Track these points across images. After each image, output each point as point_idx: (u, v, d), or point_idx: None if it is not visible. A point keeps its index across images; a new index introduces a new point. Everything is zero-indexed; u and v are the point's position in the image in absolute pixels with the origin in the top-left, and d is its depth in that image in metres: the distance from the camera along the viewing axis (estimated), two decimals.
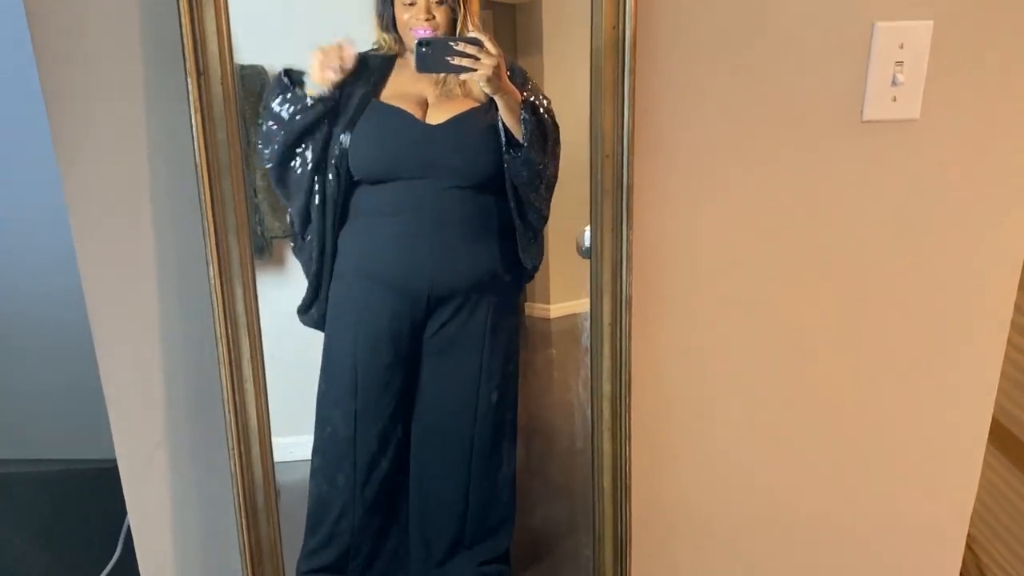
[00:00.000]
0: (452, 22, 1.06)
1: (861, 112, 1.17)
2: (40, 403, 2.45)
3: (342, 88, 1.09)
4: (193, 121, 1.02)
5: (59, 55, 1.05)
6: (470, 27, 1.06)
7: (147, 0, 1.03)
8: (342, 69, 1.07)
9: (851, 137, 1.18)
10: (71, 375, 2.21)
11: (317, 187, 1.12)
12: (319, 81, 1.07)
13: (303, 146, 1.10)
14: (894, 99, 1.17)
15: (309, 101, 1.08)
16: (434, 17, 1.06)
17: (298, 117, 1.09)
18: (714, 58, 1.13)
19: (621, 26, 1.05)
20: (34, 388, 2.43)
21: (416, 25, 1.06)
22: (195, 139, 1.02)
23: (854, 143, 1.18)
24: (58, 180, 1.10)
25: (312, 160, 1.11)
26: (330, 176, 1.11)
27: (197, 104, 1.01)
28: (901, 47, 1.14)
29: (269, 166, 1.11)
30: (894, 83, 1.16)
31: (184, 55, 1.00)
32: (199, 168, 1.03)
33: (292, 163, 1.11)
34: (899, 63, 1.15)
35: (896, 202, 1.22)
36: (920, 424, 1.35)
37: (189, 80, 1.00)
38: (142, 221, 1.12)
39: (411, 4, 1.06)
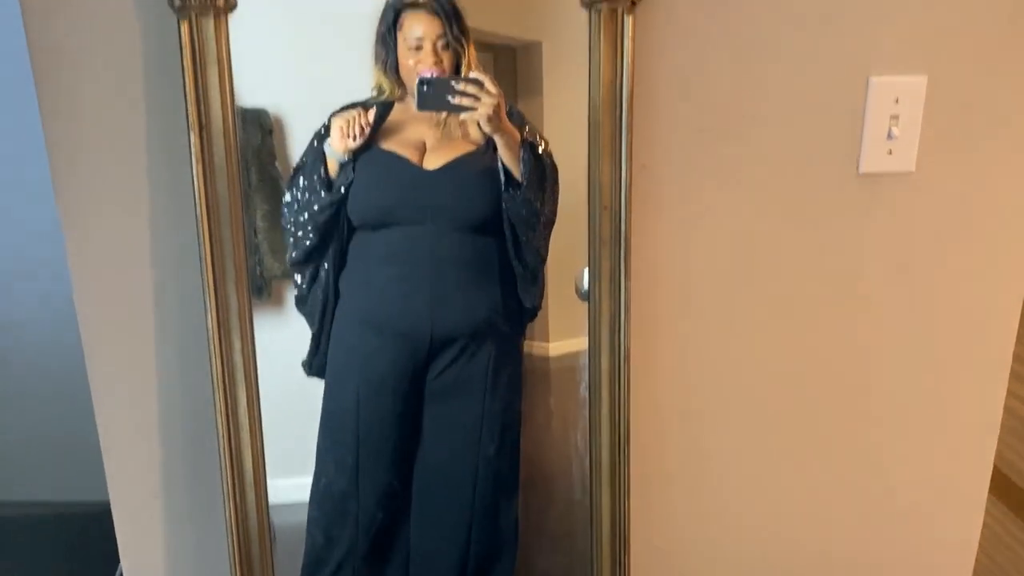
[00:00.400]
0: (456, 66, 1.08)
1: (857, 165, 1.18)
2: (33, 446, 2.44)
3: None
4: (194, 173, 1.03)
5: (63, 106, 1.06)
6: (472, 68, 1.07)
7: (151, 53, 1.05)
8: (362, 134, 1.08)
9: (848, 189, 1.19)
10: (64, 418, 2.21)
11: (308, 239, 1.12)
12: (340, 150, 1.09)
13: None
14: (890, 152, 1.18)
15: (335, 196, 1.10)
16: (441, 61, 1.07)
17: (324, 215, 1.11)
18: (711, 112, 1.14)
19: (619, 82, 1.06)
20: (27, 431, 2.43)
21: (423, 68, 1.07)
22: (196, 191, 1.03)
23: (851, 195, 1.19)
24: (59, 227, 1.11)
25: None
26: (311, 229, 1.12)
27: (199, 156, 1.02)
28: (896, 101, 1.16)
29: (293, 258, 1.13)
30: (889, 136, 1.17)
31: (187, 109, 1.01)
32: (199, 220, 1.04)
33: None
34: (894, 117, 1.16)
35: (893, 253, 1.23)
36: (921, 473, 1.35)
37: (191, 133, 1.01)
38: (141, 269, 1.12)
39: (417, 48, 1.07)
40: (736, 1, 1.10)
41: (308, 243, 1.12)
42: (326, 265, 1.13)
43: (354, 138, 1.08)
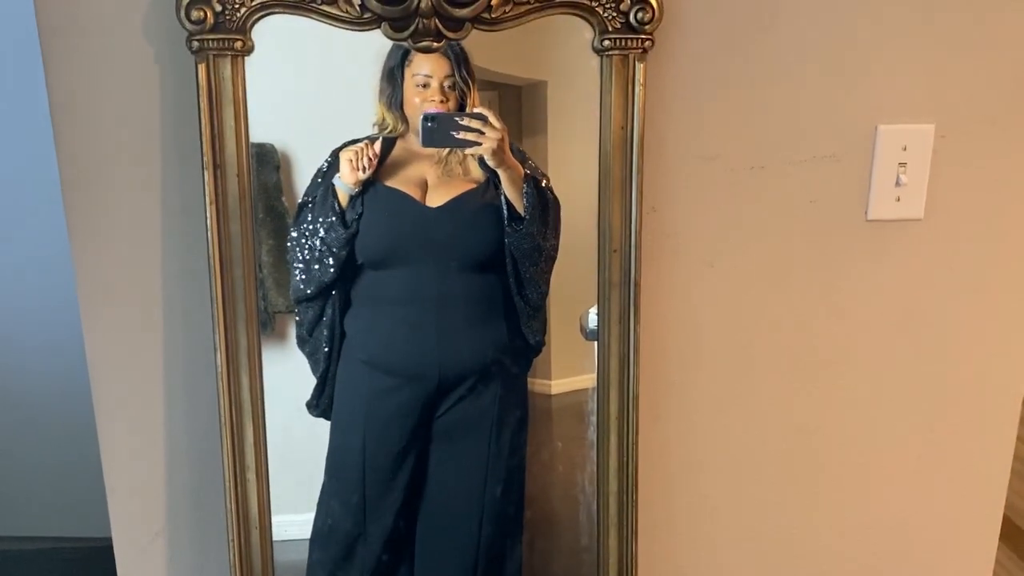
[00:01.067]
0: (461, 105, 1.09)
1: (866, 211, 1.18)
2: (37, 481, 2.43)
3: None
4: (208, 213, 1.03)
5: (79, 144, 1.07)
6: (476, 107, 1.08)
7: (168, 92, 1.06)
8: (371, 165, 1.09)
9: (856, 235, 1.20)
10: (69, 454, 2.20)
11: (325, 274, 1.13)
12: (351, 183, 1.09)
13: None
14: (898, 199, 1.18)
15: (352, 229, 1.11)
16: (447, 100, 1.08)
17: (344, 251, 1.11)
18: (721, 157, 1.15)
19: (629, 127, 1.07)
20: (32, 466, 2.42)
21: (429, 106, 1.08)
22: (209, 231, 1.03)
23: (859, 241, 1.20)
24: (68, 265, 1.11)
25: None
26: (331, 261, 1.12)
27: (213, 196, 1.03)
28: (904, 149, 1.16)
29: (306, 293, 1.13)
30: (898, 183, 1.18)
31: (202, 149, 1.02)
32: (211, 259, 1.04)
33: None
34: (902, 164, 1.17)
35: (901, 299, 1.23)
36: (930, 522, 1.33)
37: (206, 173, 1.02)
38: (151, 308, 1.13)
39: (424, 87, 1.08)
40: (746, 49, 1.11)
41: (326, 278, 1.12)
42: (331, 305, 1.14)
43: (363, 170, 1.09)
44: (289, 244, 1.12)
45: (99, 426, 1.17)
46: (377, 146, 1.10)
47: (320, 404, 1.16)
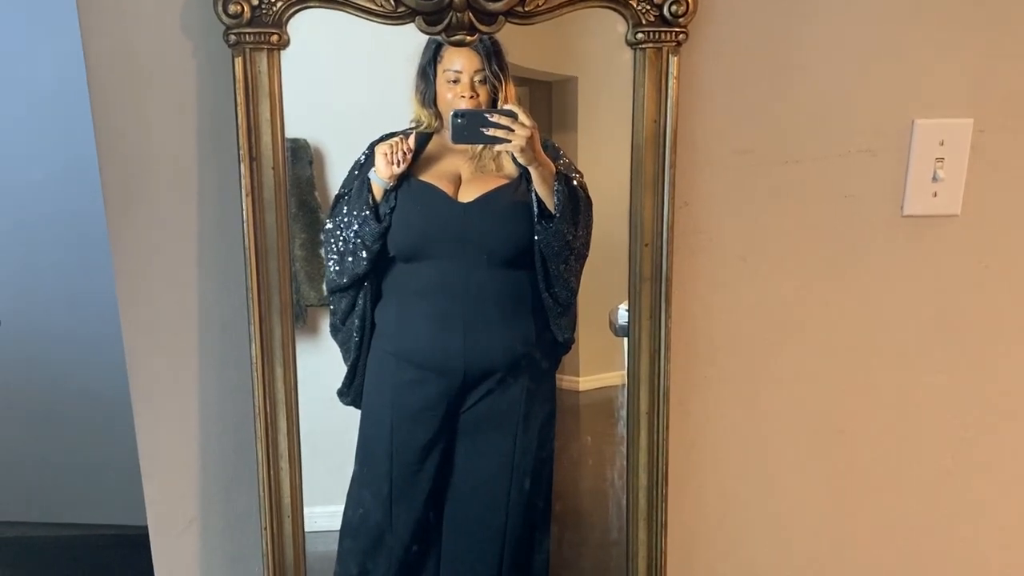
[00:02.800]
0: (493, 100, 1.09)
1: (902, 207, 1.17)
2: (75, 470, 2.48)
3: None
4: (244, 204, 1.04)
5: (118, 137, 1.09)
6: (508, 103, 1.08)
7: (205, 86, 1.07)
8: (405, 159, 1.10)
9: (891, 231, 1.18)
10: (106, 443, 2.24)
11: (358, 266, 1.14)
12: (386, 177, 1.10)
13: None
14: (935, 195, 1.17)
15: (385, 223, 1.11)
16: (477, 95, 1.09)
17: (377, 244, 1.12)
18: (754, 152, 1.14)
19: (662, 121, 1.07)
20: (70, 456, 2.46)
21: (460, 102, 1.09)
22: (244, 222, 1.05)
23: (894, 237, 1.19)
24: (107, 257, 1.13)
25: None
26: (364, 254, 1.13)
27: (249, 188, 1.04)
28: (941, 144, 1.15)
29: (339, 283, 1.14)
30: (935, 179, 1.16)
31: (238, 141, 1.03)
32: (247, 250, 1.05)
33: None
34: (939, 160, 1.15)
35: (937, 296, 1.22)
36: (962, 523, 1.32)
37: (242, 165, 1.04)
38: (187, 299, 1.14)
39: (455, 82, 1.09)
40: (780, 41, 1.11)
41: (359, 270, 1.13)
42: (363, 296, 1.15)
43: (398, 164, 1.10)
44: (324, 235, 1.13)
45: (135, 415, 1.19)
46: (412, 140, 1.10)
47: (350, 392, 1.18)
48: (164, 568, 1.26)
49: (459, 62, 1.08)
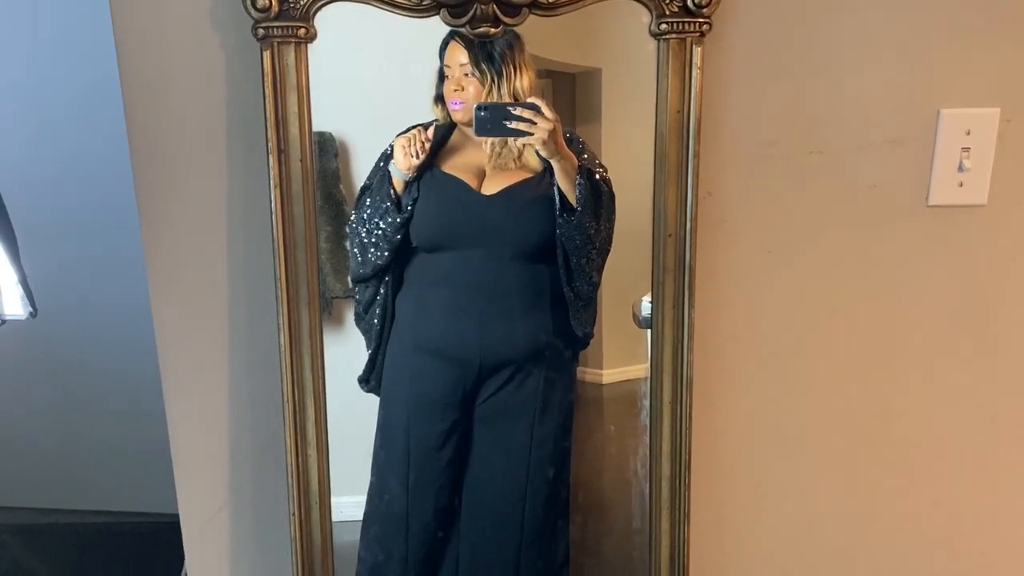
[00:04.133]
0: (488, 95, 1.09)
1: (927, 197, 1.17)
2: (106, 458, 2.52)
3: None
4: (272, 196, 1.06)
5: (149, 128, 1.11)
6: (513, 96, 1.09)
7: (233, 79, 1.09)
8: (423, 150, 1.11)
9: (917, 221, 1.18)
10: (137, 431, 2.28)
11: (379, 257, 1.15)
12: (404, 168, 1.12)
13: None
14: (960, 184, 1.16)
15: (405, 215, 1.13)
16: (463, 88, 1.10)
17: (398, 236, 1.13)
18: (779, 142, 1.14)
19: (686, 111, 1.07)
20: (101, 444, 2.50)
21: (450, 96, 1.10)
22: (273, 214, 1.06)
23: (919, 228, 1.18)
24: (137, 248, 1.15)
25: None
26: (385, 246, 1.14)
27: (277, 180, 1.06)
28: (968, 133, 1.14)
29: (361, 273, 1.16)
30: (960, 169, 1.15)
31: (266, 134, 1.05)
32: (275, 242, 1.07)
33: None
34: (966, 149, 1.15)
35: (962, 287, 1.21)
36: (985, 515, 1.31)
37: (270, 158, 1.05)
38: (217, 290, 1.16)
39: (448, 77, 1.11)
40: (805, 31, 1.10)
41: (380, 261, 1.15)
42: (385, 285, 1.16)
43: (416, 155, 1.11)
44: (348, 228, 1.15)
45: (167, 404, 1.21)
46: (430, 132, 1.11)
47: (371, 380, 1.19)
48: (195, 554, 1.29)
49: (449, 57, 1.10)
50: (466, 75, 1.09)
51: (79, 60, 2.16)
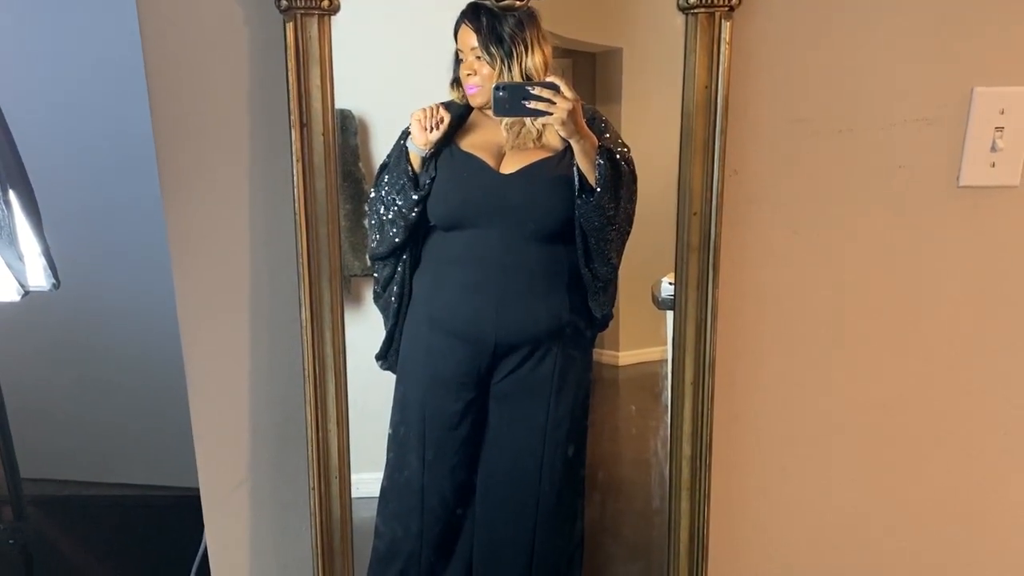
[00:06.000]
0: (493, 76, 1.09)
1: (958, 177, 1.14)
2: (128, 432, 2.54)
3: None
4: (294, 171, 1.06)
5: (172, 101, 1.11)
6: (524, 75, 1.08)
7: (256, 53, 1.09)
8: (440, 125, 1.10)
9: (947, 202, 1.16)
10: (159, 406, 2.30)
11: (396, 235, 1.15)
12: (421, 144, 1.11)
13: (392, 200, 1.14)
14: (993, 165, 1.14)
15: (422, 192, 1.12)
16: (475, 72, 1.10)
17: (414, 213, 1.13)
18: (807, 119, 1.12)
19: (713, 87, 1.05)
20: (123, 418, 2.53)
21: (466, 81, 1.10)
22: (295, 188, 1.06)
23: (950, 208, 1.16)
24: (161, 224, 1.15)
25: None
26: (401, 223, 1.14)
27: (299, 154, 1.05)
28: (1002, 113, 1.12)
29: (378, 252, 1.16)
30: (993, 149, 1.13)
31: (289, 107, 1.04)
32: (297, 216, 1.07)
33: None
34: (999, 129, 1.12)
35: (993, 269, 1.19)
36: (1012, 500, 1.30)
37: (293, 131, 1.05)
38: (238, 265, 1.16)
39: (462, 60, 1.11)
40: (836, 7, 1.08)
41: (397, 239, 1.14)
42: (403, 263, 1.16)
43: (431, 129, 1.11)
44: (368, 204, 1.14)
45: (188, 379, 1.22)
46: (445, 110, 1.11)
47: (388, 357, 1.19)
48: (215, 527, 1.30)
49: (461, 40, 1.10)
50: (477, 58, 1.09)
51: (103, 33, 2.16)
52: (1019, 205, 1.16)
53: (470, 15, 1.08)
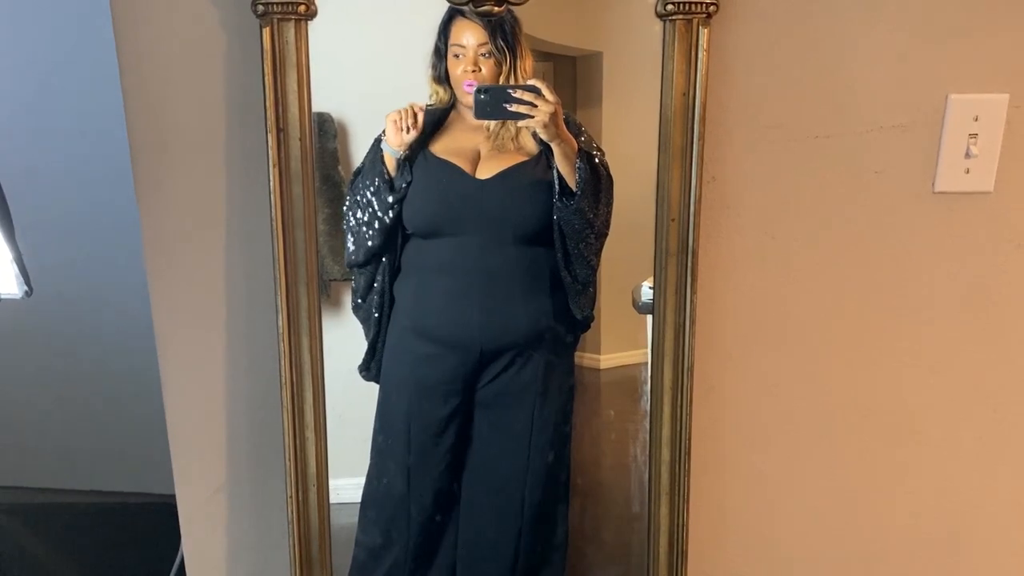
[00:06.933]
0: (499, 76, 1.08)
1: (933, 183, 1.15)
2: (103, 438, 2.52)
3: None
4: (271, 176, 1.05)
5: (147, 107, 1.09)
6: (520, 78, 1.08)
7: (233, 57, 1.08)
8: (415, 126, 1.10)
9: (922, 207, 1.17)
10: (134, 412, 2.28)
11: (372, 240, 1.14)
12: (396, 145, 1.10)
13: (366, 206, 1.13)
14: (967, 171, 1.15)
15: (398, 195, 1.11)
16: (480, 69, 1.08)
17: (389, 216, 1.12)
18: (784, 126, 1.13)
19: (691, 94, 1.06)
20: (98, 423, 2.50)
21: (464, 77, 1.08)
22: (271, 193, 1.05)
23: (925, 214, 1.17)
24: (136, 230, 1.14)
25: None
26: (377, 226, 1.13)
27: (276, 159, 1.04)
28: (976, 119, 1.13)
29: (354, 259, 1.15)
30: (968, 155, 1.14)
31: (265, 112, 1.03)
32: (274, 221, 1.06)
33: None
34: (973, 135, 1.14)
35: (967, 274, 1.20)
36: (989, 503, 1.31)
37: (269, 136, 1.04)
38: (215, 271, 1.15)
39: (460, 57, 1.09)
40: (812, 14, 1.09)
41: (372, 244, 1.14)
42: (382, 272, 1.15)
43: (407, 130, 1.10)
44: (344, 209, 1.13)
45: (163, 385, 1.20)
46: (420, 111, 1.10)
47: (371, 368, 1.18)
48: (191, 535, 1.28)
49: (464, 36, 1.08)
50: (484, 56, 1.08)
51: (78, 35, 2.14)
52: (993, 211, 1.17)
53: (474, 11, 1.06)
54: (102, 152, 1.99)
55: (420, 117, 1.10)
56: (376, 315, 1.16)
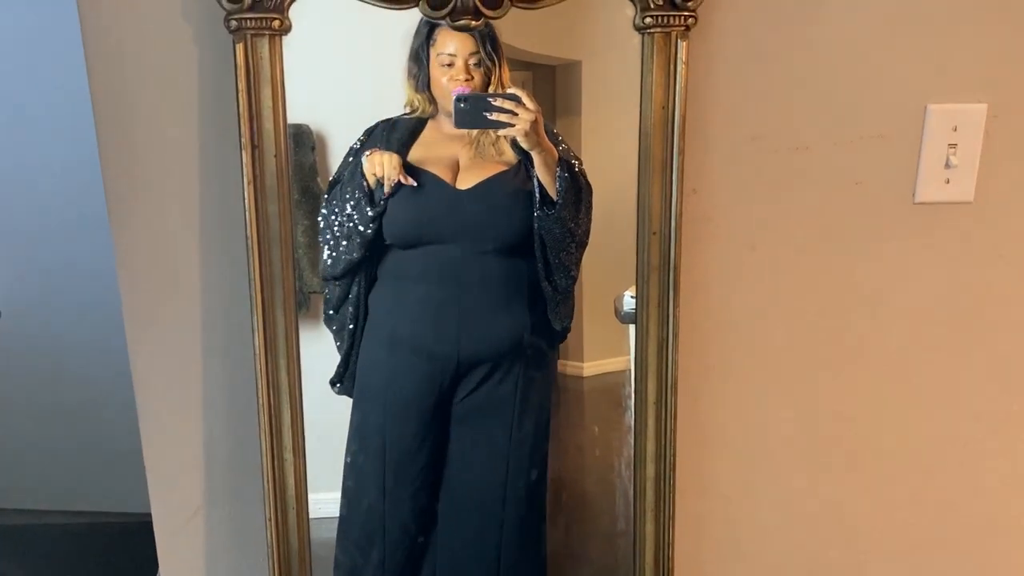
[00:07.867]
0: (487, 84, 1.07)
1: (913, 194, 1.15)
2: (79, 458, 2.49)
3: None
4: (245, 193, 1.03)
5: (118, 124, 1.07)
6: (502, 87, 1.07)
7: (206, 73, 1.06)
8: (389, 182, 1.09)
9: (902, 218, 1.17)
10: (109, 432, 2.25)
11: (351, 253, 1.12)
12: (373, 184, 1.10)
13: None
14: (947, 181, 1.15)
15: (379, 208, 1.10)
16: (472, 78, 1.07)
17: (370, 229, 1.10)
18: (764, 137, 1.12)
19: (671, 107, 1.05)
20: (74, 444, 2.47)
21: (454, 86, 1.07)
22: (247, 211, 1.03)
23: (906, 225, 1.17)
24: (109, 248, 1.12)
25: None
26: (357, 240, 1.12)
27: (250, 176, 1.03)
28: (955, 130, 1.13)
29: (332, 272, 1.13)
30: (947, 165, 1.14)
31: (240, 128, 1.02)
32: (249, 240, 1.04)
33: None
34: (952, 146, 1.14)
35: (948, 284, 1.20)
36: (970, 510, 1.31)
37: (244, 153, 1.02)
38: (190, 290, 1.13)
39: (449, 65, 1.07)
40: (791, 26, 1.09)
41: (351, 257, 1.12)
42: (357, 283, 1.14)
43: (391, 177, 1.09)
44: (320, 222, 1.12)
45: (139, 406, 1.18)
46: (398, 162, 1.09)
47: (344, 381, 1.16)
48: (168, 556, 1.26)
49: (453, 45, 1.06)
50: (475, 64, 1.06)
51: (47, 57, 2.11)
52: (974, 221, 1.17)
53: (451, 25, 1.05)
54: (74, 170, 1.97)
55: (395, 174, 1.09)
56: (351, 326, 1.15)
